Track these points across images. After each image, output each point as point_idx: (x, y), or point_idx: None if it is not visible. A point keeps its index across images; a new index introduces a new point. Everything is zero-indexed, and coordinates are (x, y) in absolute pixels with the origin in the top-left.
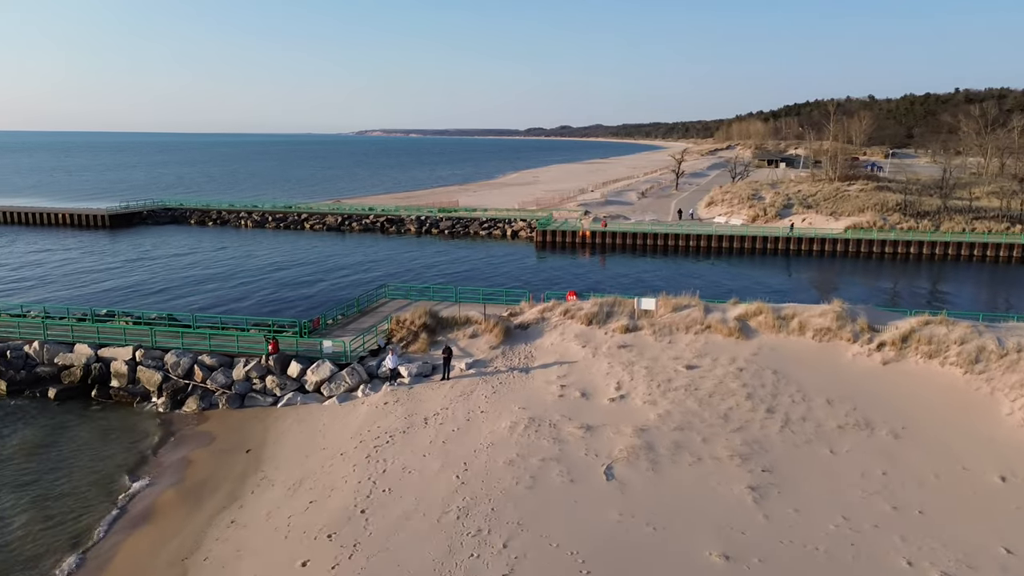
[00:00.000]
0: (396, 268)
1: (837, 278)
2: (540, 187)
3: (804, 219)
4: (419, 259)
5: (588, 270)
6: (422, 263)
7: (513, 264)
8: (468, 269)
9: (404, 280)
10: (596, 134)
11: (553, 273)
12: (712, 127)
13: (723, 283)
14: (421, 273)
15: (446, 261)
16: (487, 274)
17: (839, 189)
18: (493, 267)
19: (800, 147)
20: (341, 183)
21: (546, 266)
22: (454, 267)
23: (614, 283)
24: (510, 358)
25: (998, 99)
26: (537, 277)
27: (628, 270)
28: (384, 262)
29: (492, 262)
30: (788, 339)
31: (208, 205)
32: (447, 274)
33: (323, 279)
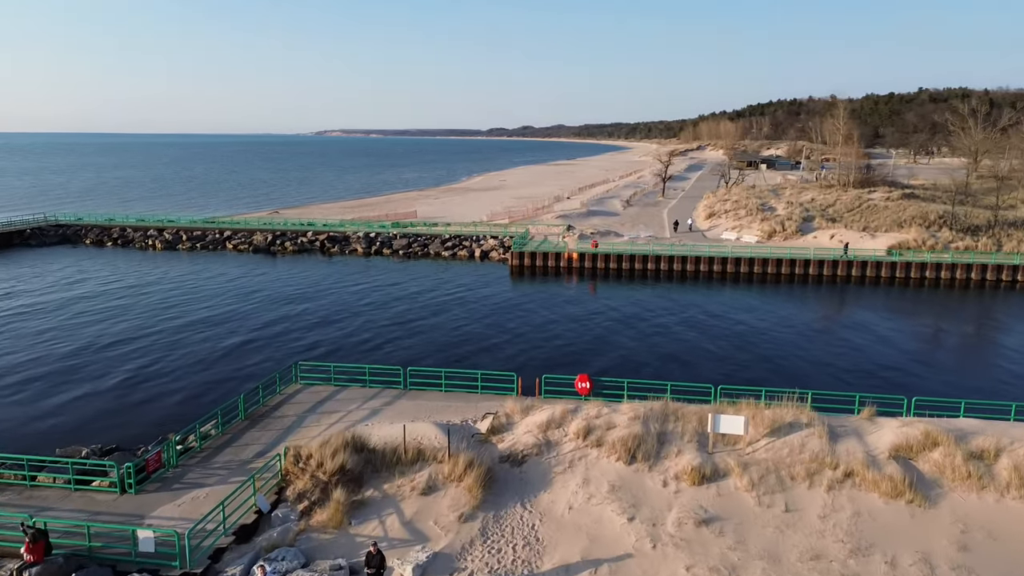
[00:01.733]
0: (329, 310)
1: (925, 322)
2: (509, 193)
3: (833, 235)
4: (363, 293)
5: (577, 303)
6: (366, 300)
7: (483, 297)
8: (425, 306)
9: (338, 330)
10: (558, 134)
11: (535, 310)
12: (675, 127)
13: (772, 333)
14: (361, 316)
15: (397, 295)
16: (450, 314)
17: (860, 198)
18: (458, 302)
19: (774, 147)
20: (287, 188)
21: (525, 298)
22: (407, 304)
23: (613, 323)
24: (497, 547)
25: (962, 99)
26: (515, 318)
27: (626, 302)
28: (316, 299)
29: (457, 294)
30: (1003, 506)
31: (111, 220)
32: (396, 316)
33: (224, 337)
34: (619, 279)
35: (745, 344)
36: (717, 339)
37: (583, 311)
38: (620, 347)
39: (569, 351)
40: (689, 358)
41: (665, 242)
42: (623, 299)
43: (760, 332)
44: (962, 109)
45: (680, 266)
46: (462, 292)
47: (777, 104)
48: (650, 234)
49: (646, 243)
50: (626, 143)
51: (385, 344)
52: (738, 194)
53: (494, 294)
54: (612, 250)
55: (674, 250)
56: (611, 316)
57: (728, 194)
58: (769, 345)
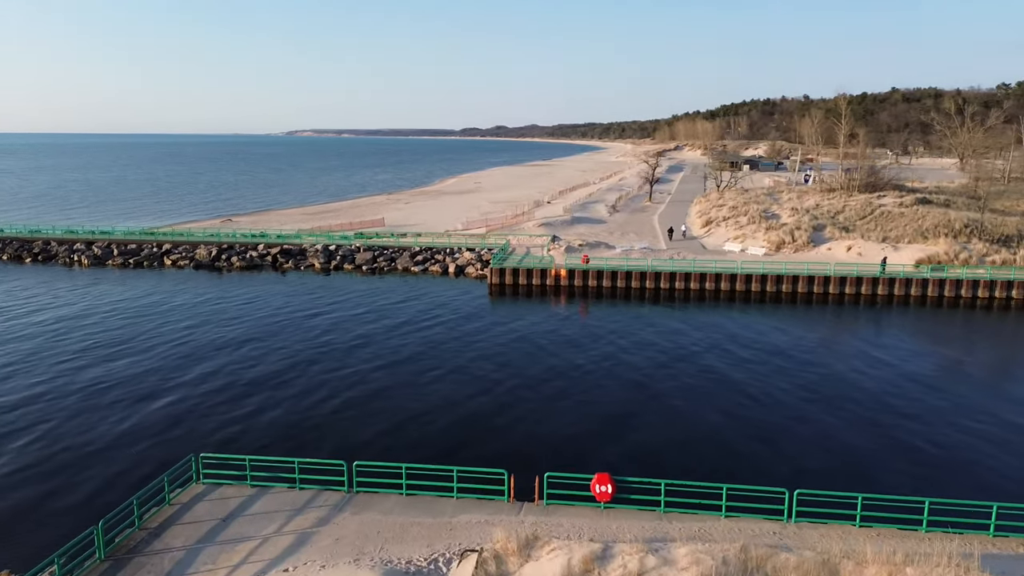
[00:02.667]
0: (267, 356)
1: (993, 358)
2: (485, 197)
3: (850, 247)
4: (313, 328)
5: (571, 333)
6: (314, 339)
7: (458, 327)
8: (386, 346)
9: (274, 388)
10: (532, 134)
11: (521, 346)
12: (648, 127)
13: (846, 379)
14: (303, 367)
15: (354, 329)
16: (418, 360)
17: (871, 204)
18: (427, 339)
19: (752, 147)
20: (248, 192)
21: (508, 328)
22: (364, 344)
23: (622, 364)
24: None
25: (934, 99)
26: (498, 360)
27: (629, 330)
28: (255, 340)
29: (427, 325)
30: None
31: (36, 232)
32: (350, 363)
33: (109, 409)
34: (613, 299)
35: (816, 396)
36: (767, 385)
37: (580, 345)
38: (638, 406)
39: (572, 413)
40: (740, 425)
41: (663, 255)
42: (624, 326)
43: (829, 377)
44: (949, 108)
45: (683, 284)
46: (433, 322)
47: (751, 104)
48: (645, 245)
49: (642, 256)
50: (600, 143)
51: (329, 413)
52: (734, 199)
53: (471, 323)
54: (605, 266)
55: (676, 266)
56: (616, 351)
57: (722, 199)
58: (852, 403)
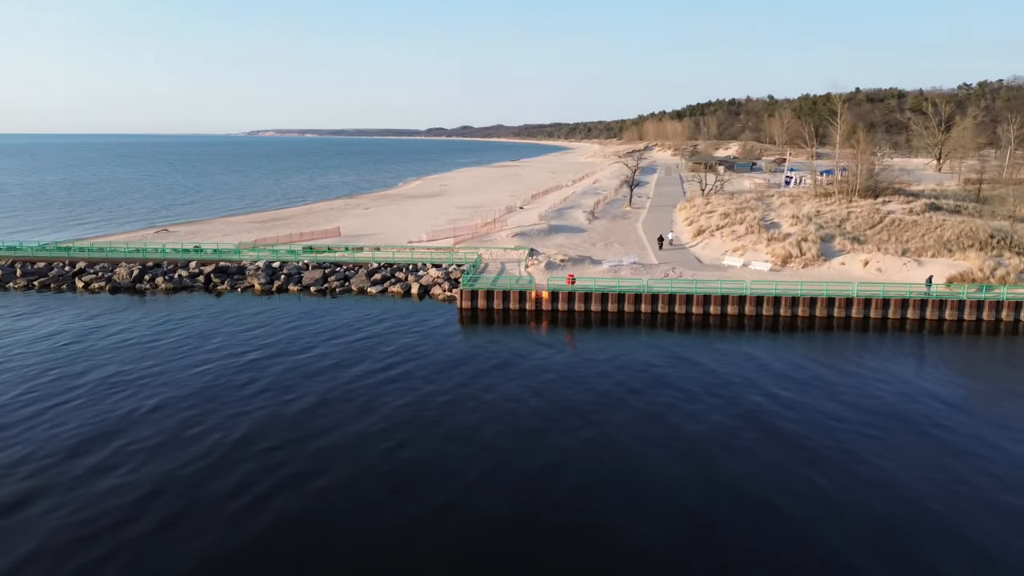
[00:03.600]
0: (181, 410)
1: None
2: (451, 201)
3: (867, 262)
4: (237, 373)
5: (555, 368)
6: (236, 392)
7: (421, 367)
8: (326, 403)
9: (174, 474)
10: (498, 134)
11: (500, 396)
12: (614, 127)
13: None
14: (217, 442)
15: (289, 377)
16: (367, 420)
17: (879, 211)
18: (380, 388)
19: (723, 147)
20: (194, 196)
21: (482, 369)
22: (298, 397)
23: (621, 403)
24: None
25: (897, 99)
26: (473, 419)
27: (625, 362)
28: (171, 380)
29: (380, 367)
30: None
31: None
32: (277, 435)
33: None
34: (604, 325)
35: (908, 460)
36: (834, 444)
37: (574, 391)
38: (679, 504)
39: (570, 504)
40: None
41: (656, 272)
42: (623, 362)
43: (915, 431)
44: (926, 108)
45: (683, 307)
46: (390, 360)
47: (717, 104)
48: (634, 260)
49: (632, 272)
50: (567, 143)
51: (251, 519)
52: (724, 205)
53: (436, 363)
54: (594, 287)
55: (675, 287)
56: (621, 398)
57: (710, 204)
58: (971, 477)
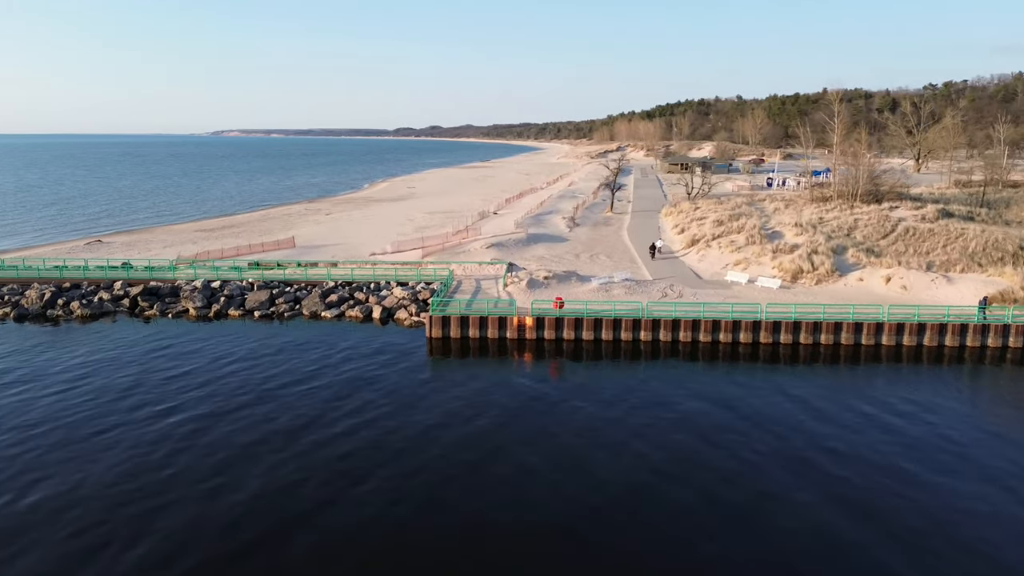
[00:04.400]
0: (64, 483)
1: None
2: (420, 205)
3: (889, 278)
4: (156, 427)
5: (546, 415)
6: (148, 443)
7: (380, 419)
8: (264, 458)
9: None
10: (467, 134)
11: (481, 441)
12: (584, 127)
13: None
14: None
15: (223, 429)
16: (318, 480)
17: (888, 218)
18: (335, 438)
19: (696, 147)
20: (141, 201)
21: (455, 407)
22: (237, 433)
23: (637, 465)
24: None
25: (865, 99)
26: (452, 498)
27: (631, 407)
28: (59, 440)
29: (336, 412)
30: None
31: None
32: (200, 486)
33: None
34: (597, 357)
35: None
36: None
37: (569, 441)
38: None
39: None
40: None
41: (653, 290)
42: (628, 406)
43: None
44: (904, 107)
45: (689, 335)
46: (345, 410)
47: (686, 104)
48: (627, 276)
49: (626, 290)
50: (537, 143)
51: None
52: (715, 210)
53: (400, 412)
54: (586, 312)
55: (679, 310)
56: (636, 455)
57: (699, 209)
58: None
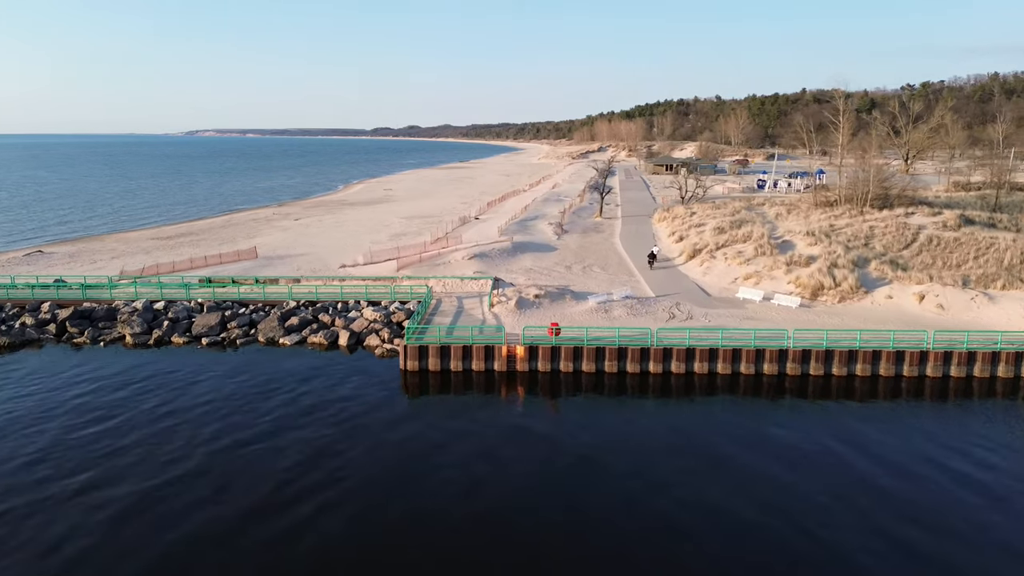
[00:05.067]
0: None
1: None
2: (397, 209)
3: (922, 296)
4: (73, 494)
5: (541, 460)
6: (51, 535)
7: (345, 467)
8: (205, 531)
9: None
10: (445, 134)
11: (463, 495)
12: (563, 128)
13: None
14: None
15: (146, 489)
16: None
17: (906, 225)
18: (289, 528)
19: (678, 148)
20: (99, 205)
21: (433, 457)
22: (168, 490)
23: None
24: None
25: (845, 99)
26: (410, 544)
27: (648, 455)
28: None
29: (285, 482)
30: None
31: None
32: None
33: None
34: (599, 391)
35: None
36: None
37: (575, 501)
38: None
39: None
40: None
41: (657, 309)
42: (644, 455)
43: None
44: (893, 107)
45: (706, 365)
46: (306, 479)
47: (666, 104)
48: (627, 293)
49: (629, 312)
50: (516, 143)
51: None
52: (715, 216)
53: (368, 457)
54: (586, 339)
55: (694, 338)
56: (661, 520)
57: (695, 214)
58: None
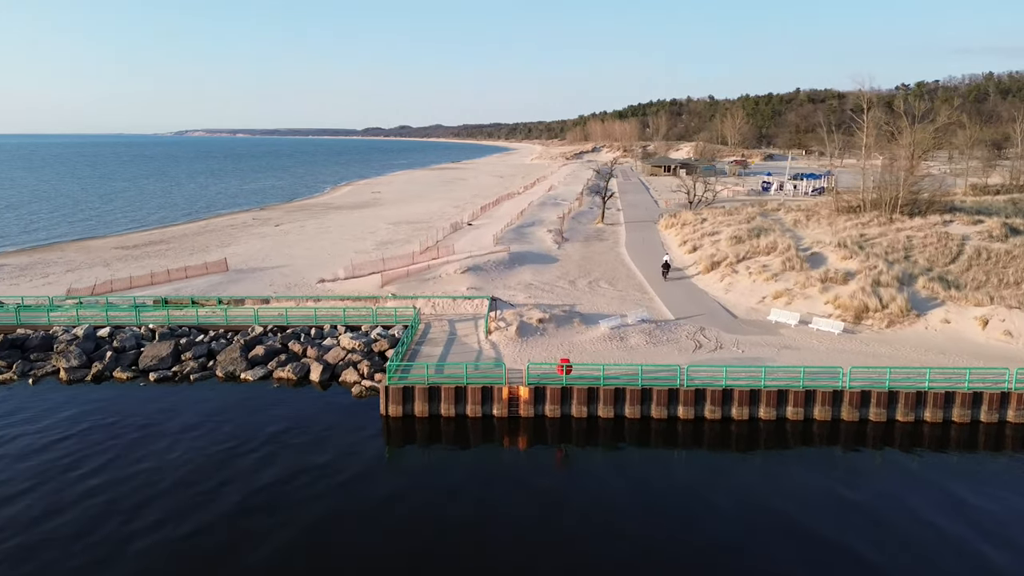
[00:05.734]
0: None
1: None
2: (384, 214)
3: (986, 320)
4: None
5: (553, 527)
6: None
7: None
8: None
9: None
10: (436, 134)
11: None
12: (555, 128)
13: None
14: None
15: None
16: None
17: (948, 236)
18: None
19: (673, 148)
20: (73, 210)
21: (419, 528)
22: None
23: None
24: None
25: (838, 99)
26: None
27: (679, 519)
28: None
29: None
30: None
31: None
32: None
33: None
34: (620, 440)
35: None
36: None
37: None
38: None
39: None
40: None
41: (680, 335)
42: (680, 521)
43: None
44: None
45: (746, 410)
46: (255, 557)
47: (659, 104)
48: (643, 316)
49: (648, 340)
50: (507, 143)
51: None
52: (732, 225)
53: (343, 554)
54: (602, 379)
55: (731, 377)
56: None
57: (708, 222)
58: None
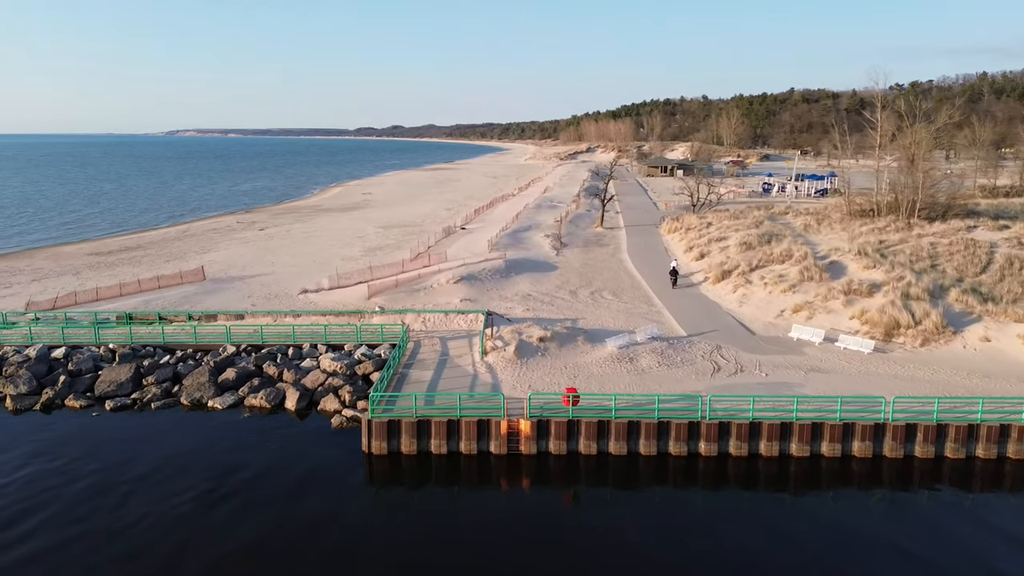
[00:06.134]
0: None
1: None
2: (374, 216)
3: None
4: None
5: None
6: None
7: None
8: None
9: None
10: (429, 134)
11: None
12: (548, 128)
13: None
14: None
15: None
16: None
17: (975, 243)
18: None
19: (668, 149)
20: (51, 214)
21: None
22: None
23: None
24: None
25: (832, 99)
26: None
27: None
28: None
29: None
30: None
31: None
32: None
33: None
34: (633, 480)
35: None
36: None
37: None
38: None
39: None
40: None
41: (695, 355)
42: None
43: None
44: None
45: (776, 445)
46: None
47: (652, 104)
48: (653, 333)
49: (660, 360)
50: (501, 144)
51: None
52: (740, 230)
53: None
54: (612, 412)
55: (759, 408)
56: None
57: (713, 227)
58: None
